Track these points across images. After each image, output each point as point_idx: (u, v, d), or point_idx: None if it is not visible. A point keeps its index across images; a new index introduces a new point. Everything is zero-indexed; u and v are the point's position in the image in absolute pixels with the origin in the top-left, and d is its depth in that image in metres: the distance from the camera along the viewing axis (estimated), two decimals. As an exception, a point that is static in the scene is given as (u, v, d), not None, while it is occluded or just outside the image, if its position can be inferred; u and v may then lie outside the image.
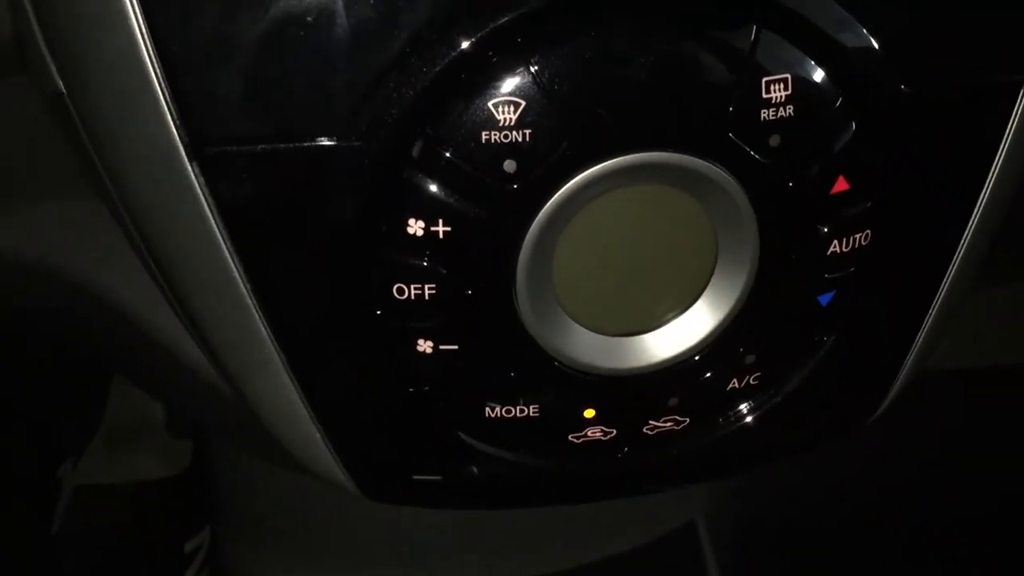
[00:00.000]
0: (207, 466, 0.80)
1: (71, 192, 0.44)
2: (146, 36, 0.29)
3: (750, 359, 0.37)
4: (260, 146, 0.30)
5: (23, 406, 0.91)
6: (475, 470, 0.38)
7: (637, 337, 0.35)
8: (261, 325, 0.34)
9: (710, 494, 0.69)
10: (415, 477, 0.38)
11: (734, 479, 0.71)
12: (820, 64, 0.32)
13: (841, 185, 0.33)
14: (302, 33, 0.29)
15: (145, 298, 0.46)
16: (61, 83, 0.32)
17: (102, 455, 1.00)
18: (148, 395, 1.02)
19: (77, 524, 0.95)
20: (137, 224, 0.34)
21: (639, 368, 0.36)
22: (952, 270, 0.38)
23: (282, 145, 0.30)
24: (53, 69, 0.32)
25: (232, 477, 0.69)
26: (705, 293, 0.35)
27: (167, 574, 0.96)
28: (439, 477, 0.38)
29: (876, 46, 0.32)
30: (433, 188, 0.31)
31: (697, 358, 0.36)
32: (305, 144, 0.30)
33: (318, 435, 0.37)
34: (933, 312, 0.39)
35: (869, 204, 0.34)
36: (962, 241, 0.37)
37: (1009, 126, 0.35)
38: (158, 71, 0.29)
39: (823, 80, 0.32)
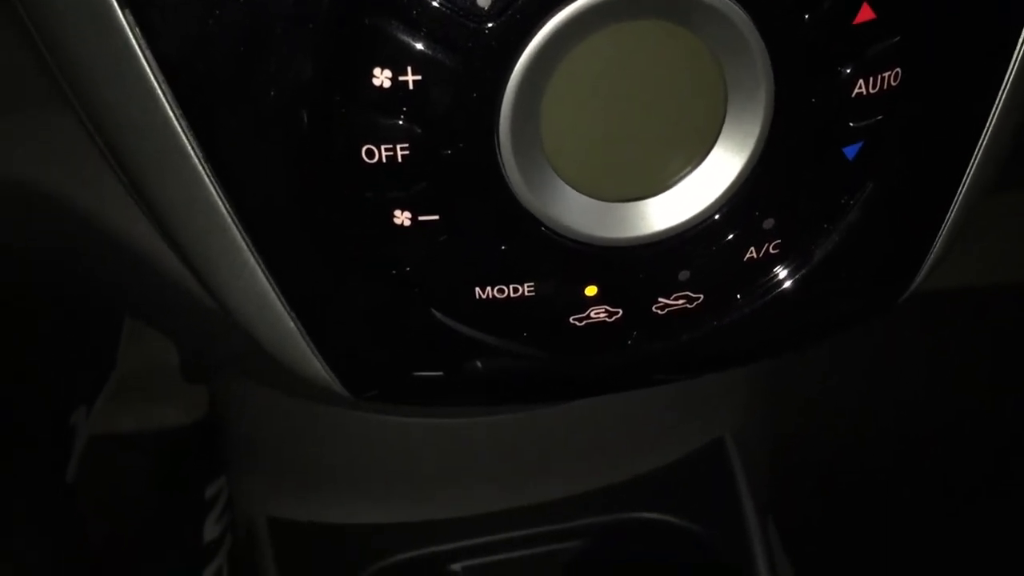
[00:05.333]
0: (217, 405, 0.78)
1: (27, 99, 0.41)
2: None
3: (768, 224, 0.33)
4: None
5: (33, 354, 0.89)
6: (468, 362, 0.34)
7: (640, 202, 0.32)
8: (221, 205, 0.31)
9: (738, 410, 0.65)
10: (403, 373, 0.35)
11: (762, 395, 0.68)
12: None
13: (866, 14, 0.29)
14: None
15: (115, 206, 0.43)
16: None
17: (115, 404, 0.99)
18: (160, 337, 1.00)
19: (93, 474, 0.93)
20: (81, 100, 0.31)
21: (644, 237, 0.32)
22: (992, 121, 0.33)
23: None
24: None
25: (240, 411, 0.66)
26: (714, 148, 0.31)
27: (188, 520, 0.94)
28: (430, 372, 0.35)
29: None
30: (399, 30, 0.28)
31: (708, 224, 0.32)
32: None
33: (295, 330, 0.33)
34: (970, 173, 0.35)
35: (898, 38, 0.30)
36: (1002, 87, 0.33)
37: None
38: None
39: None
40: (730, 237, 0.33)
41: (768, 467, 0.70)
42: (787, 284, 0.34)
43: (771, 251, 0.33)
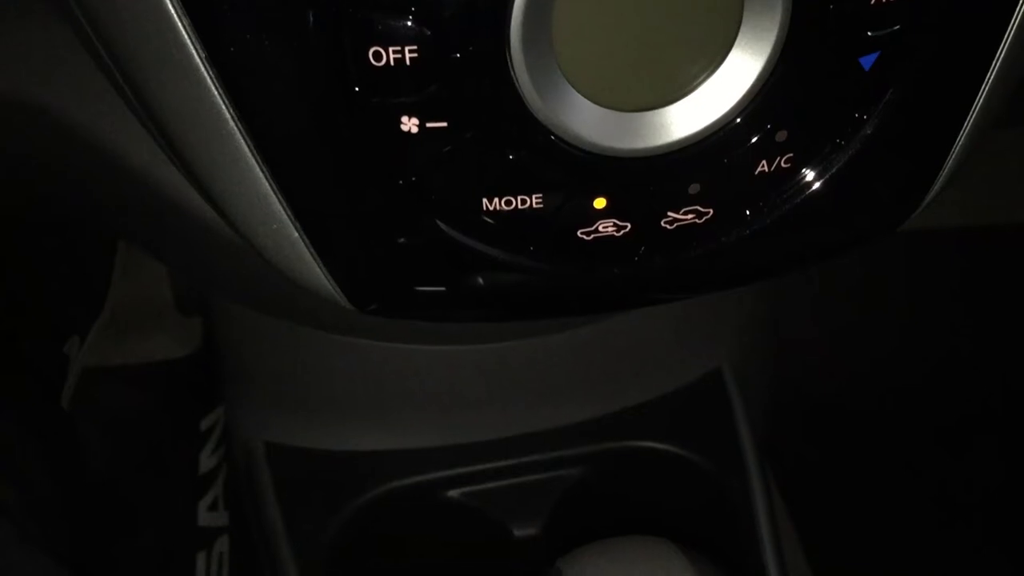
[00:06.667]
0: (214, 334, 0.77)
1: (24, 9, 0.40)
2: None
3: (781, 136, 0.32)
4: None
5: (27, 284, 0.88)
6: (472, 276, 0.34)
7: (652, 111, 0.31)
8: (225, 110, 0.30)
9: (737, 341, 0.65)
10: (407, 285, 0.34)
11: (760, 326, 0.68)
12: None
13: (886, -82, 0.29)
14: None
15: (115, 121, 0.42)
16: None
17: (108, 337, 0.98)
18: (153, 270, 1.00)
19: (87, 407, 0.93)
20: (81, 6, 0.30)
21: (655, 148, 0.31)
22: (1010, 33, 0.33)
23: None
24: None
25: (238, 338, 0.66)
26: (730, 54, 0.30)
27: (183, 452, 0.94)
28: (433, 287, 0.34)
29: None
30: (407, -73, 0.27)
31: (721, 135, 0.31)
32: None
33: (299, 238, 0.33)
34: (986, 87, 0.34)
35: None
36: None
37: None
38: None
39: None
40: (742, 149, 0.32)
41: (765, 400, 0.71)
42: (798, 199, 0.34)
43: (783, 165, 0.33)
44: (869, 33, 0.31)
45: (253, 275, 0.44)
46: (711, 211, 0.33)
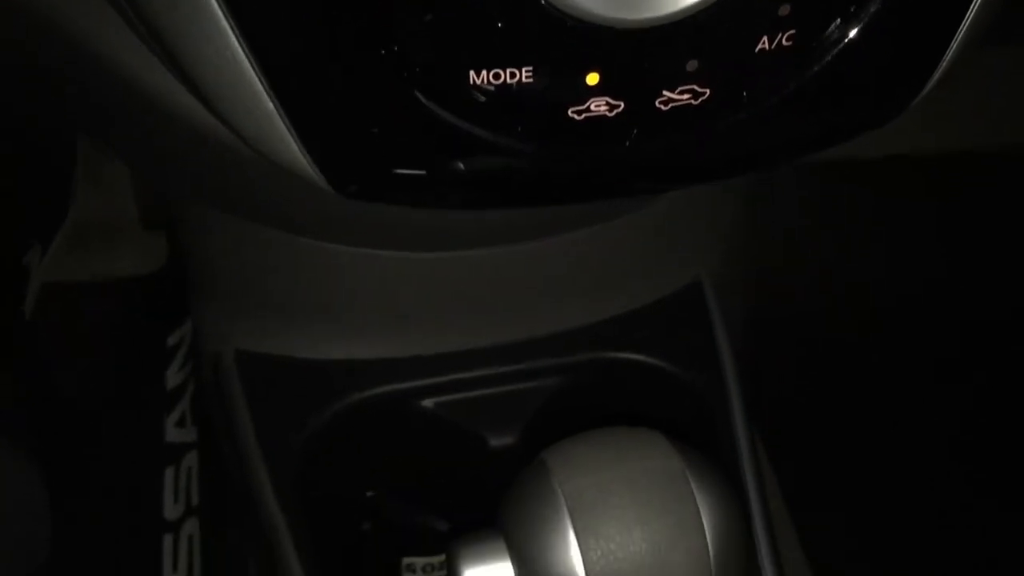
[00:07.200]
0: (181, 247, 0.75)
1: None
2: None
3: (784, 10, 0.31)
4: None
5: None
6: (458, 158, 0.32)
7: None
8: None
9: (716, 252, 0.64)
10: (387, 166, 0.32)
11: (741, 236, 0.67)
12: None
13: None
14: None
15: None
16: None
17: (70, 252, 0.96)
18: (117, 183, 0.97)
19: (49, 322, 0.91)
20: None
21: (653, 19, 0.29)
22: None
23: None
24: None
25: (207, 245, 0.64)
26: None
27: (149, 369, 0.93)
28: (414, 169, 0.33)
29: None
30: None
31: (720, 7, 0.30)
32: None
33: (276, 115, 0.31)
34: None
35: None
36: None
37: None
38: None
39: None
40: (742, 24, 0.31)
41: (744, 315, 0.70)
42: (798, 81, 0.33)
43: (784, 42, 0.31)
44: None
45: (229, 166, 0.42)
46: (708, 91, 0.32)
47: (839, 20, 0.32)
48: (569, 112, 0.32)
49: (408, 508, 0.61)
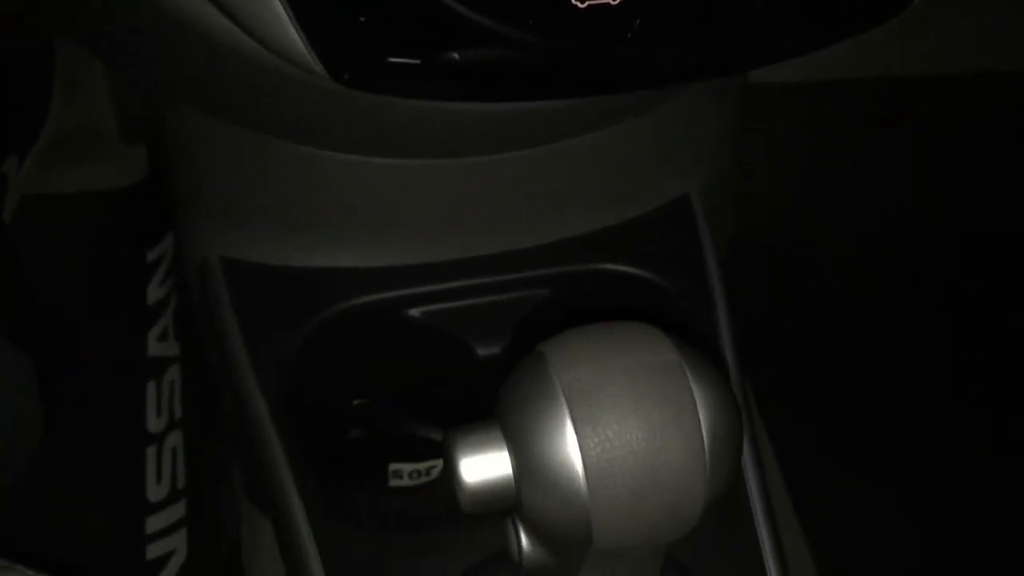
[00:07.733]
0: (163, 156, 0.74)
1: None
2: None
3: None
4: None
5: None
6: (453, 47, 0.32)
7: None
8: None
9: (704, 166, 0.64)
10: (384, 54, 0.32)
11: (728, 149, 0.67)
12: None
13: None
14: None
15: None
16: None
17: (48, 164, 0.94)
18: (95, 95, 0.96)
19: (27, 236, 0.90)
20: None
21: None
22: None
23: None
24: None
25: (191, 150, 0.63)
26: None
27: (129, 283, 0.92)
28: (410, 58, 0.32)
29: None
30: None
31: None
32: None
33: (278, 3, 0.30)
34: None
35: None
36: None
37: None
38: None
39: None
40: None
41: (729, 232, 0.70)
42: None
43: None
44: None
45: (224, 62, 0.41)
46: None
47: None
48: (572, 0, 0.31)
49: (396, 416, 0.61)
